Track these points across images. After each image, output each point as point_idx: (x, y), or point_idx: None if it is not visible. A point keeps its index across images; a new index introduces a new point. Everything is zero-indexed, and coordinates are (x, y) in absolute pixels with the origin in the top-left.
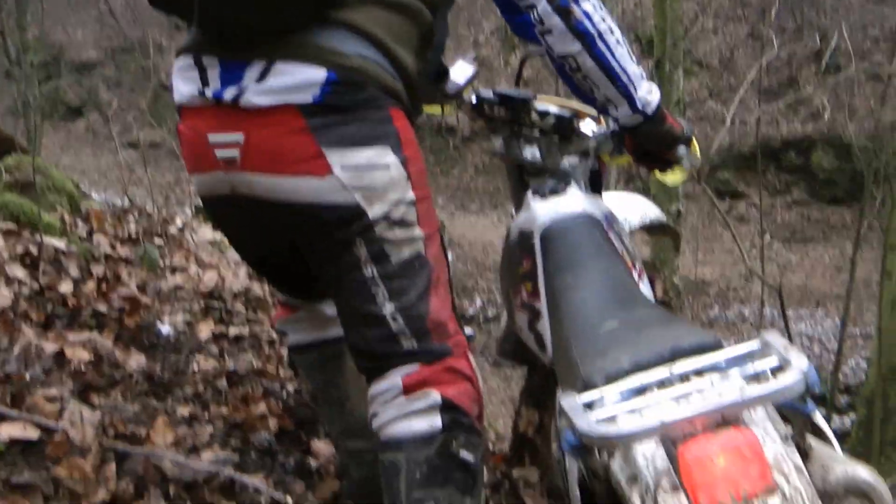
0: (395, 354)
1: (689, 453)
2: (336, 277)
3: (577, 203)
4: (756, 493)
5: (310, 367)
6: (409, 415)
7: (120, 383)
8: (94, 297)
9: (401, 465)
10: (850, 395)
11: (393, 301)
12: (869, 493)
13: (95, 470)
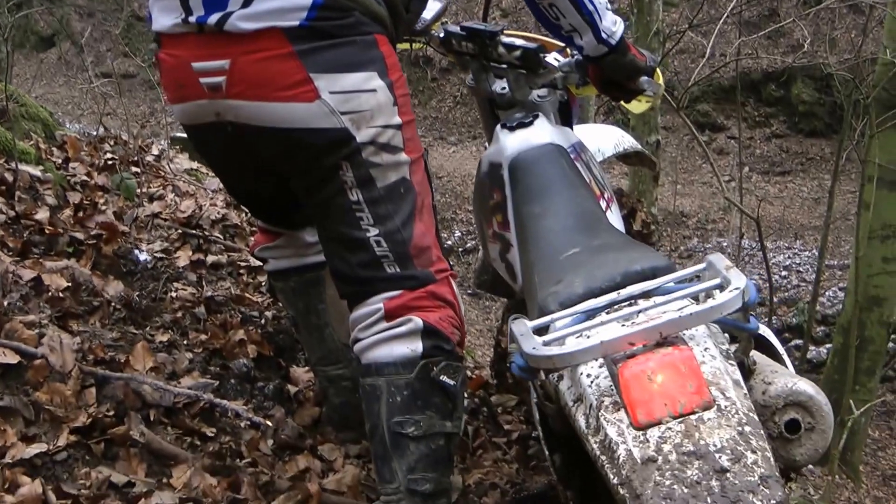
0: (378, 280)
1: (628, 371)
2: (321, 203)
3: (544, 134)
4: (692, 407)
5: (290, 292)
6: (390, 339)
7: (98, 310)
8: (71, 225)
9: (381, 390)
10: (826, 325)
11: (377, 226)
12: (807, 405)
13: (75, 395)
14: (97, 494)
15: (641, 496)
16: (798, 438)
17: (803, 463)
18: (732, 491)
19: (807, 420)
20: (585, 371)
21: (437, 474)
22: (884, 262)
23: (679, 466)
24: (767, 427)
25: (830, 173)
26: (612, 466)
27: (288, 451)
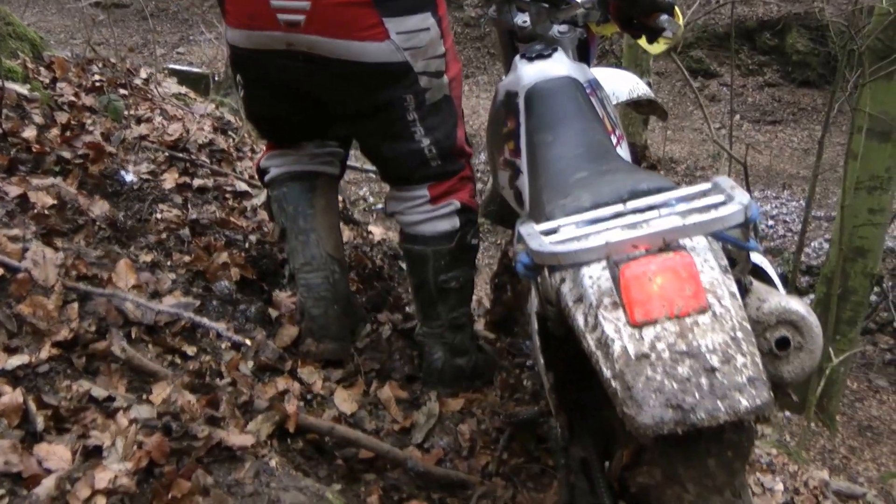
0: (426, 175)
1: (630, 272)
2: (381, 123)
3: (561, 67)
4: (688, 310)
5: (283, 198)
6: (435, 219)
7: (83, 229)
8: (58, 144)
9: (428, 256)
10: (811, 276)
11: (428, 136)
12: (798, 324)
13: (58, 309)
14: (77, 407)
15: (632, 389)
16: (787, 356)
17: (790, 380)
18: (720, 389)
19: (797, 339)
20: (587, 272)
21: (466, 308)
22: (870, 213)
23: (671, 363)
24: (758, 343)
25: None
26: (607, 361)
27: (268, 373)
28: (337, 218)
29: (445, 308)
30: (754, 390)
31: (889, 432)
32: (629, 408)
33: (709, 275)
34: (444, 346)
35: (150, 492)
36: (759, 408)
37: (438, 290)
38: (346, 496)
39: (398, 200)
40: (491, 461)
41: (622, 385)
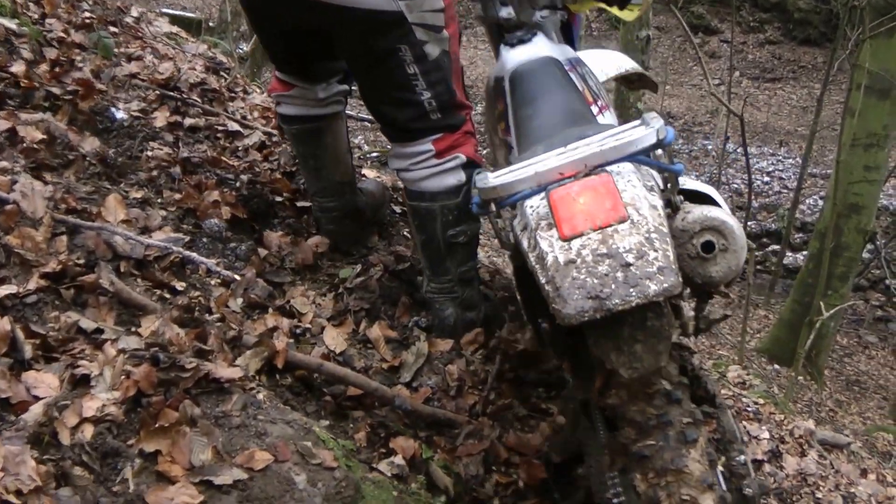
0: (427, 128)
1: (556, 194)
2: (383, 74)
3: (542, 49)
4: (609, 221)
5: (294, 136)
6: (441, 173)
7: (73, 164)
8: (48, 80)
9: (436, 212)
10: (805, 232)
11: (429, 90)
12: (720, 228)
13: (46, 241)
14: (65, 337)
15: (560, 289)
16: (713, 258)
17: (719, 280)
18: (633, 279)
19: (721, 242)
20: (529, 203)
21: (473, 261)
22: (865, 170)
23: (592, 264)
24: (686, 248)
25: (821, 82)
26: (542, 271)
27: (257, 310)
28: (344, 145)
29: (454, 263)
30: (662, 276)
31: (876, 387)
32: (557, 304)
33: (630, 192)
34: (455, 301)
35: (137, 421)
36: (665, 290)
37: (447, 245)
38: (333, 432)
39: (402, 157)
40: (478, 402)
41: (553, 287)
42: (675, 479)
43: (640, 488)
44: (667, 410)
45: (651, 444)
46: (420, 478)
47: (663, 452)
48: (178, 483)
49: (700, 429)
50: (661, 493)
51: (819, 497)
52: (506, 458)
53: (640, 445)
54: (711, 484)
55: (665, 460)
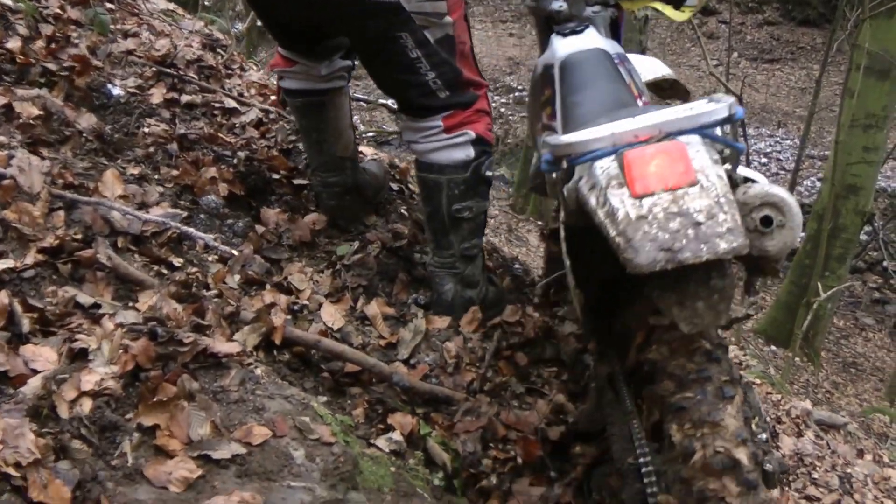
0: (435, 105)
1: (631, 154)
2: (387, 59)
3: (593, 41)
4: (680, 184)
5: (297, 110)
6: (450, 147)
7: (69, 140)
8: (44, 56)
9: (442, 184)
10: (803, 214)
11: (433, 70)
12: (779, 205)
13: (44, 216)
14: (63, 311)
15: (632, 240)
16: (770, 232)
17: (774, 254)
18: (703, 236)
19: (778, 218)
20: (599, 165)
21: (478, 240)
22: (864, 151)
23: (664, 221)
24: (745, 222)
25: (820, 63)
26: (613, 225)
27: (254, 287)
28: (346, 119)
29: (458, 238)
30: (732, 237)
31: (872, 369)
32: (629, 254)
33: (699, 160)
34: (455, 277)
35: (135, 395)
36: (734, 249)
37: (451, 219)
38: (331, 408)
39: (413, 130)
40: (476, 378)
41: (624, 239)
42: (710, 431)
43: (675, 438)
44: (706, 367)
45: (689, 396)
46: (418, 454)
47: (701, 405)
48: (176, 457)
49: (737, 388)
50: (696, 444)
51: (815, 477)
52: (503, 434)
53: (679, 397)
54: (745, 439)
55: (702, 412)
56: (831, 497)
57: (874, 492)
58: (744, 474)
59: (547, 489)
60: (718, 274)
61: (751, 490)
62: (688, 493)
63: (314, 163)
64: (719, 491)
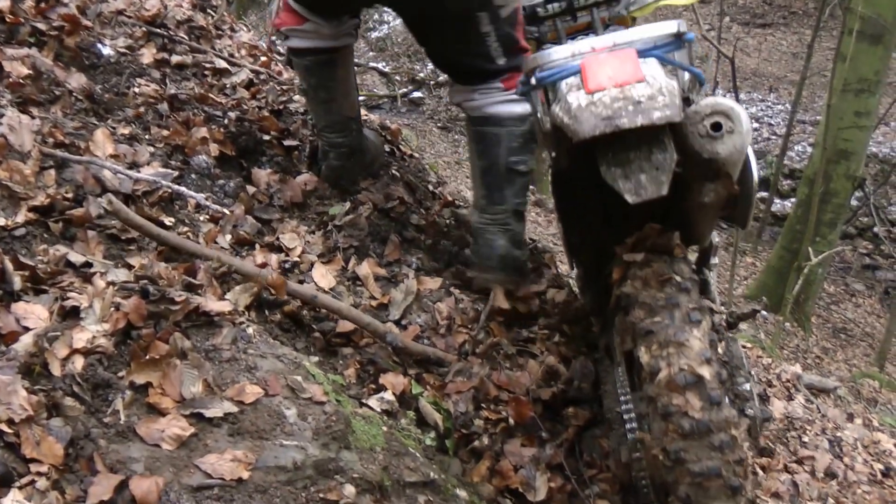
0: (495, 71)
1: (586, 60)
2: (458, 34)
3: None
4: (628, 81)
5: (306, 68)
6: (509, 101)
7: (60, 100)
8: (33, 16)
9: (502, 137)
10: (793, 179)
11: (497, 41)
12: (728, 112)
13: (35, 175)
14: (55, 270)
15: (578, 118)
16: (721, 137)
17: (724, 157)
18: (641, 109)
19: (728, 124)
20: (564, 81)
21: (525, 199)
22: (856, 115)
23: (609, 103)
24: (697, 128)
25: (812, 28)
26: (567, 115)
27: (245, 247)
28: (353, 78)
29: (511, 192)
30: (667, 110)
31: (862, 335)
32: (574, 126)
33: (650, 69)
34: (507, 234)
35: (128, 353)
36: (668, 117)
37: (508, 171)
38: (323, 369)
39: (468, 92)
40: (468, 340)
41: (574, 120)
42: (676, 350)
43: (643, 360)
44: (676, 296)
45: (658, 321)
46: (410, 414)
47: (668, 328)
48: (168, 415)
49: (705, 315)
50: (661, 363)
51: (805, 440)
52: (495, 395)
53: (648, 322)
54: (709, 359)
55: (668, 334)
56: (822, 460)
57: (864, 455)
58: (707, 390)
59: (538, 450)
60: (658, 148)
61: (713, 405)
62: (654, 411)
63: (321, 122)
64: (682, 406)
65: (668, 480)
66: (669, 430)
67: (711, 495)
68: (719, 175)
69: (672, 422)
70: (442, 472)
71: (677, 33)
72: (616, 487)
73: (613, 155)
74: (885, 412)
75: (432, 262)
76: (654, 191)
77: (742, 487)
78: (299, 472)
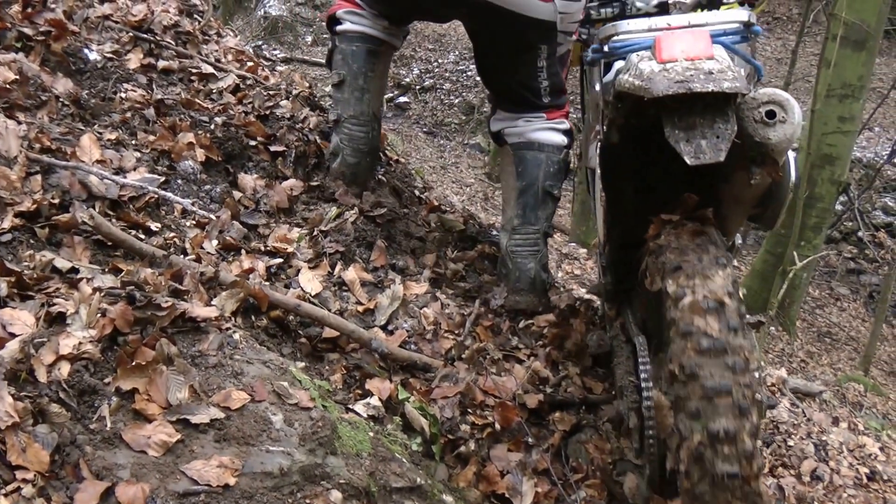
0: (539, 107)
1: (662, 35)
2: (519, 62)
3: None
4: (700, 56)
5: (350, 54)
6: (550, 130)
7: (46, 105)
8: (20, 20)
9: (542, 161)
10: None
11: (549, 79)
12: (782, 103)
13: (21, 180)
14: (41, 276)
15: (652, 80)
16: (773, 124)
17: (775, 143)
18: (712, 78)
19: (781, 114)
20: (635, 53)
21: (552, 224)
22: (840, 121)
23: (681, 71)
24: (753, 114)
25: (796, 33)
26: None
27: (232, 252)
28: (386, 82)
29: (544, 215)
30: (736, 82)
31: (847, 339)
32: (648, 85)
33: (719, 52)
34: (536, 255)
35: (114, 359)
36: (737, 88)
37: (544, 193)
38: (309, 374)
39: (513, 120)
40: (454, 346)
41: (646, 82)
42: (702, 281)
43: (669, 289)
44: (706, 244)
45: (687, 259)
46: (396, 419)
47: (696, 264)
48: (155, 421)
49: (731, 263)
50: (687, 291)
51: (791, 444)
52: (481, 400)
53: (678, 260)
54: (732, 293)
55: (696, 268)
56: (807, 464)
57: (849, 459)
58: (727, 316)
59: (525, 455)
60: (722, 118)
61: (731, 330)
62: (675, 332)
63: (348, 111)
64: (703, 327)
65: (679, 395)
66: (688, 348)
67: (720, 412)
68: (766, 160)
69: (691, 340)
70: (428, 478)
71: (747, 22)
72: (603, 493)
73: (679, 119)
74: (870, 416)
75: (418, 267)
76: (712, 156)
77: (749, 410)
78: (286, 478)
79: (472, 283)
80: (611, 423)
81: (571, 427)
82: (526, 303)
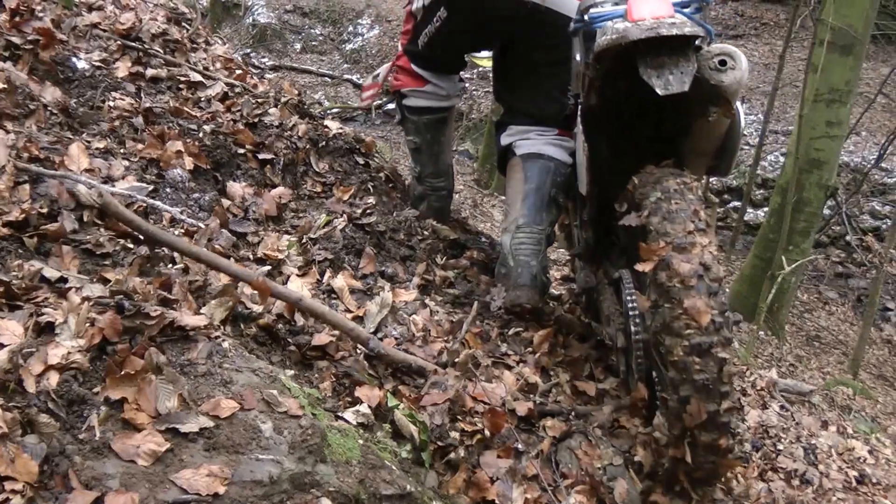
0: (557, 124)
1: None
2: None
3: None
4: (663, 16)
5: (421, 126)
6: (560, 146)
7: (34, 114)
8: (8, 29)
9: (551, 169)
10: (766, 189)
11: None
12: (732, 54)
13: (9, 190)
14: (29, 285)
15: (626, 31)
16: (725, 70)
17: (726, 86)
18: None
19: (731, 62)
20: (610, 21)
21: (553, 231)
22: (827, 125)
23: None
24: (708, 63)
25: (784, 39)
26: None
27: None
28: (453, 134)
29: (548, 219)
30: (696, 28)
31: (836, 342)
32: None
33: (680, 16)
34: (538, 255)
35: (103, 369)
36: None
37: (550, 199)
38: (298, 382)
39: (524, 132)
40: (444, 351)
41: (622, 34)
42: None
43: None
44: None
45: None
46: (385, 426)
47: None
48: (144, 430)
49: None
50: (668, 226)
51: (780, 448)
52: (471, 407)
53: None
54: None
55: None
56: (796, 468)
57: (838, 462)
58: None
59: (514, 461)
60: (684, 59)
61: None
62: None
63: (427, 171)
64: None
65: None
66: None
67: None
68: (721, 101)
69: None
70: (418, 485)
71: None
72: (593, 499)
73: (650, 59)
74: (858, 419)
75: (407, 274)
76: (678, 87)
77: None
78: (275, 486)
79: (462, 289)
80: (601, 428)
81: (561, 433)
82: (527, 298)
